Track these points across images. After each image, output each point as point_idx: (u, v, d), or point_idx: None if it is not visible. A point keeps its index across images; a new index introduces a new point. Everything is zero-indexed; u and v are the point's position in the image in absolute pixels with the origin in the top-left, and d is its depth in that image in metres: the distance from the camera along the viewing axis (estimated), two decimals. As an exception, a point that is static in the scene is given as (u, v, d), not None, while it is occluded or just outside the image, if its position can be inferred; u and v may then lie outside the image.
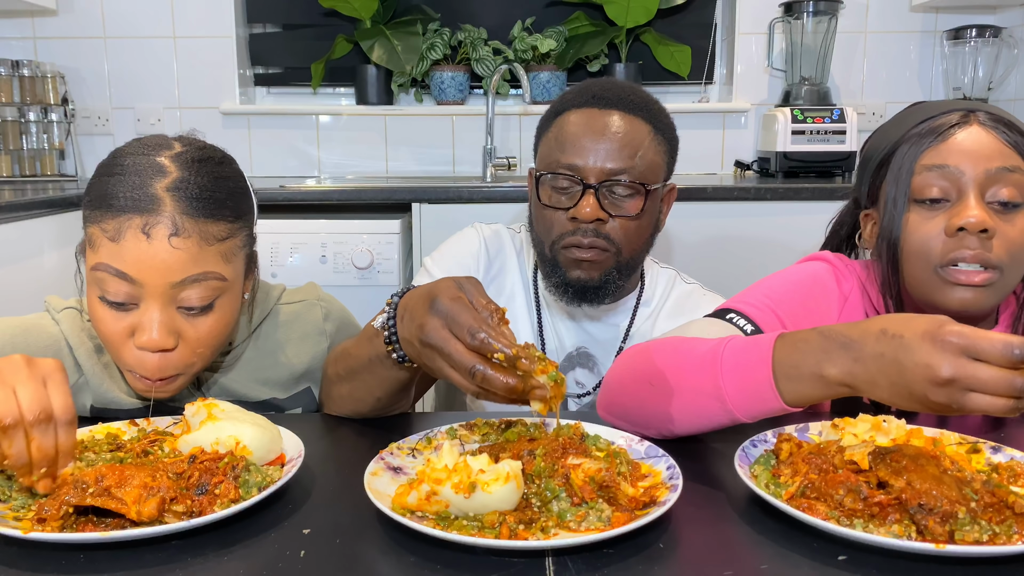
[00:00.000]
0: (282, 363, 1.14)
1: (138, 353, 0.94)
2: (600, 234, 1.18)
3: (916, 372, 0.69)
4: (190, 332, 0.95)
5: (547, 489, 0.73)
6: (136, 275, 0.91)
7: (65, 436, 0.73)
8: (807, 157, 2.48)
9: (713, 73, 2.93)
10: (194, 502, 0.72)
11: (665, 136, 1.23)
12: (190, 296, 0.94)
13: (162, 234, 0.91)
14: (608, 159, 1.17)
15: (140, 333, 0.93)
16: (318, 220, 2.22)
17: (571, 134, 1.19)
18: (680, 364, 0.89)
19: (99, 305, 0.94)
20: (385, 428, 0.99)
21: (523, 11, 2.84)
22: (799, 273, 1.13)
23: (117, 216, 0.92)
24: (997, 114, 1.00)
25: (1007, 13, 2.72)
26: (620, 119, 1.19)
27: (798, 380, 0.78)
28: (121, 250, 0.91)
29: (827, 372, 0.76)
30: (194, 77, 2.83)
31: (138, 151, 0.97)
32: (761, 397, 0.80)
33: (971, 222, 0.94)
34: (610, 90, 1.22)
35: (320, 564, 0.66)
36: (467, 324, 0.75)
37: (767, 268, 1.17)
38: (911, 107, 1.09)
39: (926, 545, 0.65)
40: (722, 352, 0.84)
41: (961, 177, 0.97)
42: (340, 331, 1.22)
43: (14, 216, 1.89)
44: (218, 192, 0.96)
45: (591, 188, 1.17)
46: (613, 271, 1.21)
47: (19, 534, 0.67)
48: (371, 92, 2.81)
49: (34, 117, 2.71)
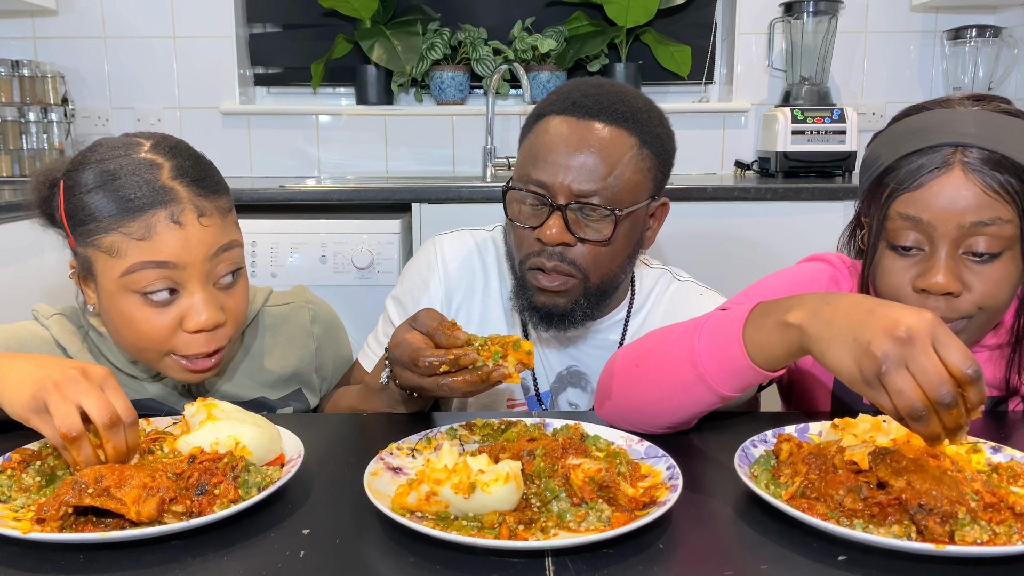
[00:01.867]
0: (270, 365, 1.15)
1: (187, 337, 0.98)
2: (565, 258, 1.09)
3: (878, 321, 0.69)
4: (229, 303, 1.01)
5: (547, 489, 0.73)
6: (177, 260, 0.95)
7: (132, 435, 0.79)
8: (807, 157, 2.48)
9: (713, 73, 2.93)
10: (193, 502, 0.72)
11: (654, 150, 1.10)
12: (222, 268, 0.99)
13: (191, 219, 0.96)
14: (579, 178, 1.06)
15: (192, 318, 0.97)
16: (318, 220, 2.22)
17: (544, 145, 1.08)
18: (663, 337, 0.90)
19: (139, 308, 0.96)
20: (385, 428, 0.99)
21: (523, 11, 2.84)
22: (799, 273, 1.13)
23: (138, 216, 0.94)
24: (991, 149, 0.92)
25: (1007, 13, 2.72)
26: (600, 131, 1.07)
27: (763, 328, 0.79)
28: (156, 244, 0.95)
29: (790, 316, 0.77)
30: (194, 77, 2.83)
31: (115, 155, 0.97)
32: (729, 354, 0.81)
33: (934, 285, 0.92)
34: (593, 96, 1.09)
35: (320, 564, 0.66)
36: (409, 361, 0.92)
37: (767, 268, 1.17)
38: (912, 113, 1.02)
39: (926, 545, 0.65)
40: (704, 319, 0.86)
41: (933, 232, 0.93)
42: (328, 334, 1.23)
43: (14, 216, 1.89)
44: (206, 170, 1.01)
45: (558, 208, 1.07)
46: (580, 299, 1.12)
47: (18, 534, 0.67)
48: (371, 92, 2.81)
49: (34, 117, 2.71)
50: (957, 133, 0.94)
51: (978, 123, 0.94)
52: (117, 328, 0.99)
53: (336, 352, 1.25)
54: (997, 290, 0.94)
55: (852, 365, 0.71)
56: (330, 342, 1.23)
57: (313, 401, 1.20)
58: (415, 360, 0.92)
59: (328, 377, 1.24)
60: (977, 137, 0.93)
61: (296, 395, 1.17)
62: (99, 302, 1.00)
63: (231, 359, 1.12)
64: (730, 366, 0.83)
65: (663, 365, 0.88)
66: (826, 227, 2.23)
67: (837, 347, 0.72)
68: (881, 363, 0.68)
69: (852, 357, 0.70)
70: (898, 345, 0.68)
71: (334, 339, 1.25)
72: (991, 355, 1.05)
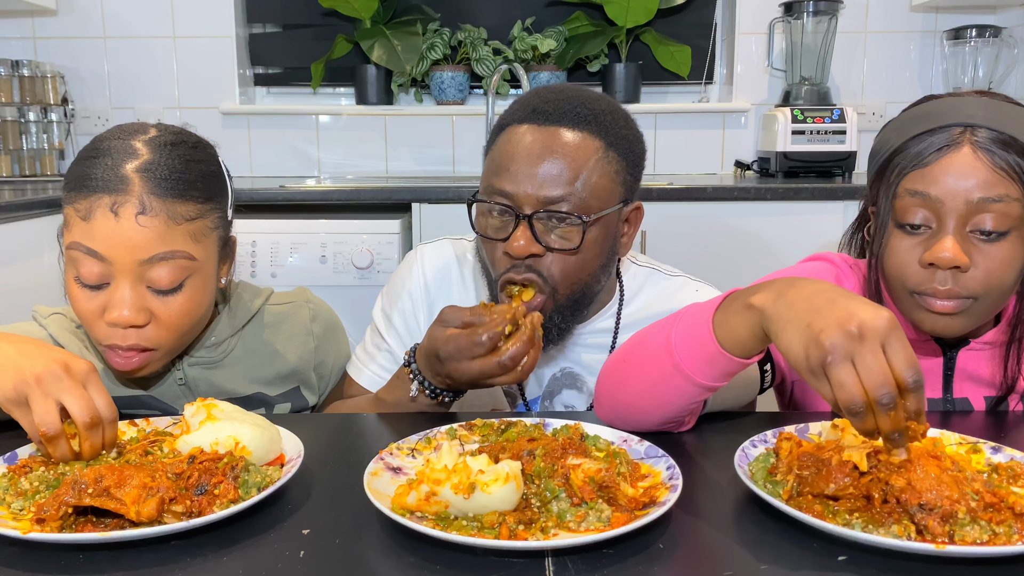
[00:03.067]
0: (269, 363, 1.15)
1: (108, 328, 0.97)
2: (534, 269, 1.06)
3: (835, 312, 0.69)
4: (161, 310, 0.98)
5: (547, 489, 0.73)
6: (105, 253, 0.94)
7: (111, 432, 0.81)
8: (807, 157, 2.48)
9: (713, 73, 2.93)
10: (193, 502, 0.72)
11: (620, 152, 1.07)
12: (160, 274, 0.96)
13: (129, 212, 0.95)
14: (543, 185, 1.03)
15: (111, 310, 0.96)
16: (318, 220, 2.22)
17: (506, 155, 1.05)
18: (647, 332, 0.92)
19: (74, 284, 0.97)
20: (385, 428, 0.99)
21: (523, 11, 2.84)
22: (800, 273, 1.13)
23: (88, 196, 0.95)
24: (999, 130, 0.93)
25: (1007, 13, 2.72)
26: (563, 136, 1.04)
27: (729, 311, 0.80)
28: (92, 229, 0.95)
29: (753, 299, 0.77)
30: (194, 77, 2.83)
31: (116, 135, 1.01)
32: (699, 341, 0.82)
33: (942, 258, 0.93)
34: (553, 102, 1.07)
35: (320, 564, 0.66)
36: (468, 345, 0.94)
37: (767, 268, 1.17)
38: (921, 103, 1.03)
39: (926, 545, 0.65)
40: (683, 310, 0.87)
41: (941, 207, 0.93)
42: (328, 334, 1.23)
43: (14, 216, 1.89)
44: (187, 174, 0.99)
45: (524, 218, 1.04)
46: (554, 315, 1.08)
47: (18, 534, 0.67)
48: (371, 92, 2.81)
49: (34, 117, 2.71)
50: (965, 115, 0.95)
51: (986, 107, 0.96)
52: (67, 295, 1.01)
53: (336, 353, 1.26)
54: (1003, 270, 0.94)
55: (800, 350, 0.71)
56: (330, 342, 1.23)
57: (311, 399, 1.20)
58: (473, 340, 0.93)
59: (326, 376, 1.24)
60: (985, 119, 0.94)
61: (294, 393, 1.17)
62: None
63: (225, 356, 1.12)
64: (701, 353, 0.83)
65: (644, 359, 0.89)
66: (826, 227, 2.24)
67: (791, 330, 0.72)
68: (828, 353, 0.68)
69: (801, 342, 0.70)
70: (847, 339, 0.68)
71: (334, 340, 1.25)
72: (992, 353, 1.05)
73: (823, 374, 0.69)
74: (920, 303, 0.97)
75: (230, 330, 1.13)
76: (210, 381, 1.11)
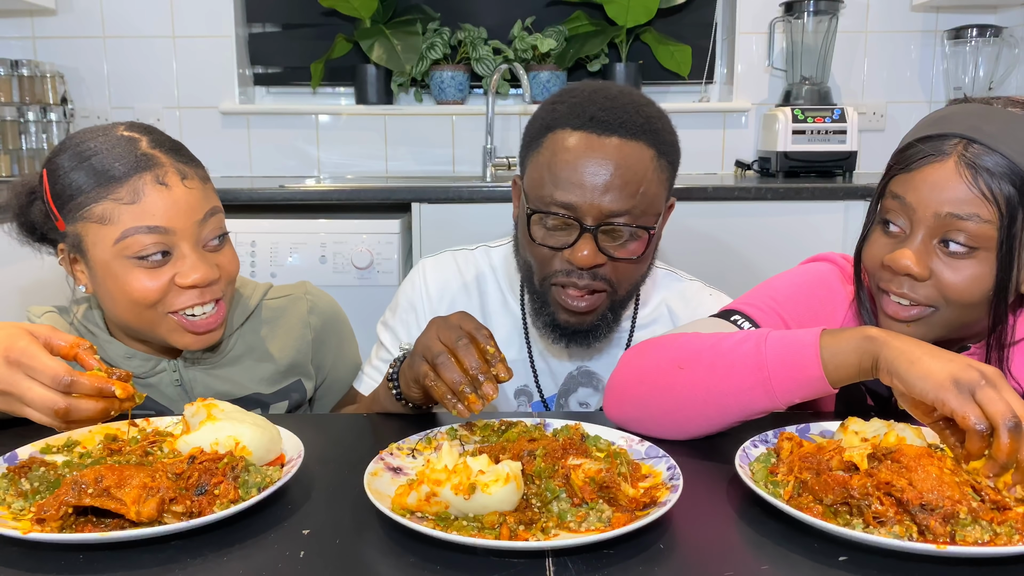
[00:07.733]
0: (268, 359, 1.15)
1: (181, 293, 1.00)
2: (597, 276, 1.08)
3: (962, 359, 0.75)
4: (221, 260, 1.05)
5: (547, 490, 0.73)
6: (166, 223, 0.98)
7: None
8: (807, 157, 2.48)
9: (713, 73, 2.93)
10: (193, 502, 0.72)
11: (668, 159, 1.10)
12: (211, 230, 1.03)
13: (175, 180, 1.00)
14: (608, 198, 1.03)
15: (185, 275, 1.00)
16: (318, 220, 2.22)
17: (566, 164, 1.05)
18: (714, 342, 0.91)
19: (133, 271, 0.98)
20: (385, 428, 0.99)
21: (523, 10, 2.83)
22: (804, 274, 1.13)
23: (126, 181, 0.97)
24: (998, 150, 0.90)
25: (1007, 13, 2.72)
26: (621, 147, 1.04)
27: (842, 339, 0.83)
28: (145, 207, 0.97)
29: (870, 331, 0.82)
30: (193, 77, 2.83)
31: (91, 138, 1.01)
32: (801, 361, 0.84)
33: (898, 263, 0.94)
34: (610, 110, 1.06)
35: (320, 564, 0.66)
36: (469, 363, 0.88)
37: (767, 268, 1.17)
38: (950, 104, 1.01)
39: (927, 546, 0.65)
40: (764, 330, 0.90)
41: (913, 215, 0.94)
42: (328, 326, 1.23)
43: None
44: (180, 145, 1.06)
45: (589, 230, 1.05)
46: (607, 312, 1.12)
47: (18, 534, 0.67)
48: (371, 92, 2.81)
49: (33, 117, 2.70)
50: (970, 126, 0.93)
51: (999, 123, 0.92)
52: (113, 297, 1.00)
53: (338, 345, 1.25)
54: (963, 286, 0.93)
55: (945, 375, 0.74)
56: (330, 334, 1.23)
57: (310, 388, 1.20)
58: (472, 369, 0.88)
59: (325, 367, 1.23)
60: (988, 135, 0.91)
61: (296, 386, 1.17)
62: (92, 278, 1.01)
63: (224, 355, 1.12)
64: (800, 375, 0.84)
65: (716, 368, 0.89)
66: (826, 227, 2.23)
67: (929, 361, 0.76)
68: (981, 378, 0.73)
69: (947, 369, 0.74)
70: (988, 374, 0.74)
71: (335, 332, 1.25)
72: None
73: (970, 394, 0.72)
74: (882, 303, 0.98)
75: (230, 328, 1.13)
76: (206, 383, 1.11)
